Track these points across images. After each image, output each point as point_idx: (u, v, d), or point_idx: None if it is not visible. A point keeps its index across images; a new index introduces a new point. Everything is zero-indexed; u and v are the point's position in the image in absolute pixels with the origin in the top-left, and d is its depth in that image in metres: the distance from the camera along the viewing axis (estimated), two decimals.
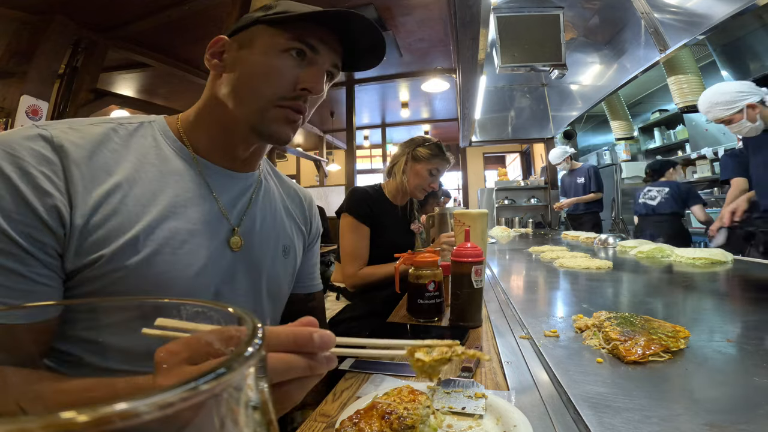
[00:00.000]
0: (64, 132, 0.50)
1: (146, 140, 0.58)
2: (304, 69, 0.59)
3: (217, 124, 0.61)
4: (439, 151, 1.53)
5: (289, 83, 0.59)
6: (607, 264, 1.39)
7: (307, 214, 0.81)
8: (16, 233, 0.44)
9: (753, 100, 1.78)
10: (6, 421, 0.08)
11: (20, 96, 2.90)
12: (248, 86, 0.58)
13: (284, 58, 0.58)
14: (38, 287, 0.45)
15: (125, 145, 0.55)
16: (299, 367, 0.31)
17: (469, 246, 0.85)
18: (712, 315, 0.78)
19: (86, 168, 0.50)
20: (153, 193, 0.54)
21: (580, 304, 0.90)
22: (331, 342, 0.32)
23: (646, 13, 1.85)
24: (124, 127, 0.57)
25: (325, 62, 0.61)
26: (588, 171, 3.83)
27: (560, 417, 0.45)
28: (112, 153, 0.53)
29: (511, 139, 4.94)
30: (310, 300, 0.84)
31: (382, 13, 3.53)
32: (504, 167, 7.76)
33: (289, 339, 0.31)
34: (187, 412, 0.10)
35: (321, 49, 0.60)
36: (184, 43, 3.83)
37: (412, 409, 0.41)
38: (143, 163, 0.55)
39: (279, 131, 0.60)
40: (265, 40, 0.59)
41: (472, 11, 1.75)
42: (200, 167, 0.61)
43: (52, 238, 0.46)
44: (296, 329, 0.32)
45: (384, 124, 7.46)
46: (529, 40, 2.02)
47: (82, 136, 0.51)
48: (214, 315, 0.18)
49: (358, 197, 1.47)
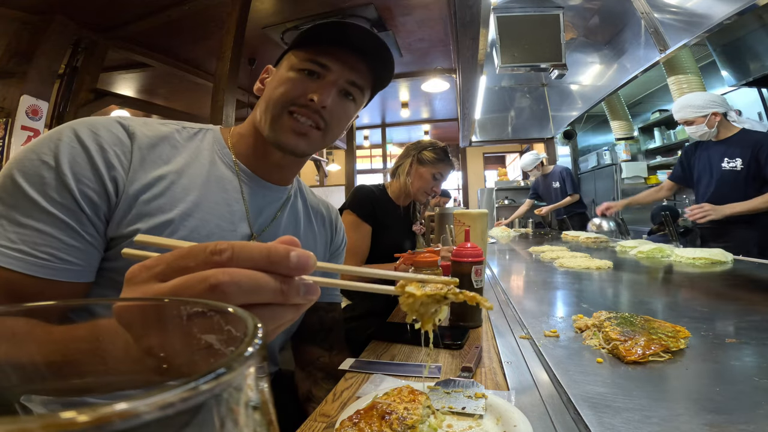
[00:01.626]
0: (138, 124, 0.60)
1: (202, 143, 0.67)
2: (315, 83, 0.65)
3: (254, 137, 0.69)
4: (444, 156, 1.53)
5: (299, 92, 0.65)
6: (607, 264, 1.39)
7: (334, 227, 0.88)
8: (80, 195, 0.51)
9: (719, 111, 2.06)
10: (6, 421, 0.08)
11: (20, 96, 2.90)
12: (267, 98, 0.67)
13: (299, 75, 0.66)
14: (87, 246, 0.53)
15: (184, 144, 0.64)
16: (269, 288, 0.26)
17: (469, 246, 0.85)
18: (712, 315, 0.78)
19: (148, 153, 0.59)
20: (196, 186, 0.62)
21: (580, 304, 0.90)
22: (309, 264, 0.27)
23: (646, 13, 1.85)
24: (186, 130, 0.67)
25: (336, 79, 0.66)
26: (561, 173, 3.75)
27: (560, 417, 0.45)
28: (171, 148, 0.62)
29: (511, 139, 4.95)
30: (332, 310, 0.88)
31: (382, 13, 3.53)
32: (504, 167, 7.76)
33: (262, 254, 0.26)
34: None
35: (333, 67, 0.66)
36: (184, 43, 3.82)
37: (412, 409, 0.41)
38: (194, 161, 0.64)
39: (288, 141, 0.65)
40: (288, 61, 0.67)
41: (472, 11, 1.75)
42: (240, 173, 0.69)
43: (106, 204, 0.54)
44: (271, 244, 0.27)
45: (384, 124, 7.46)
46: (529, 40, 2.02)
47: (150, 129, 0.61)
48: (214, 315, 0.18)
49: (362, 195, 1.47)
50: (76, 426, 0.09)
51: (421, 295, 0.29)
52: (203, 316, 0.18)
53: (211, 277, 0.25)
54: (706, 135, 2.10)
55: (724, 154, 2.08)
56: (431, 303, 0.30)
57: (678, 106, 2.16)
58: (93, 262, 0.54)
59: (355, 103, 0.71)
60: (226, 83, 2.92)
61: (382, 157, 7.74)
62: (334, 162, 8.18)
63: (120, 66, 4.16)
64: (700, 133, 2.10)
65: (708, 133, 2.08)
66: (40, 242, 0.49)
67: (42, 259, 0.49)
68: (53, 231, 0.50)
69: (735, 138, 2.08)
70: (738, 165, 2.04)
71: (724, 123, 2.10)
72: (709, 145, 2.16)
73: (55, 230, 0.50)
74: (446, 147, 1.57)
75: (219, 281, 0.24)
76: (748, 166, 2.01)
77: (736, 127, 2.11)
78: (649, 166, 4.52)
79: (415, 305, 0.30)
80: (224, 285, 0.24)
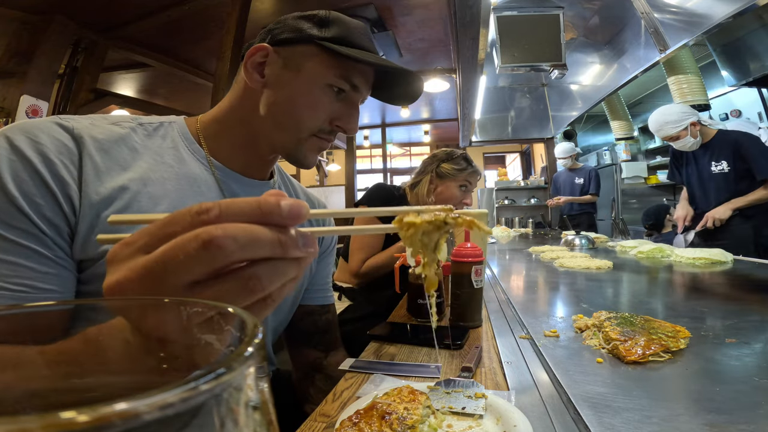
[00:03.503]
0: (86, 126, 0.52)
1: (165, 141, 0.59)
2: (342, 105, 0.61)
3: (245, 135, 0.62)
4: (467, 164, 1.45)
5: (327, 117, 0.61)
6: (607, 264, 1.39)
7: (323, 222, 0.82)
8: (38, 216, 0.45)
9: (695, 119, 2.13)
10: (6, 421, 0.08)
11: (20, 96, 2.90)
12: (290, 114, 0.59)
13: (328, 92, 0.60)
14: (60, 270, 0.47)
15: (143, 145, 0.56)
16: (266, 240, 0.24)
17: (469, 246, 0.85)
18: (712, 315, 0.78)
19: (101, 161, 0.50)
20: (166, 193, 0.54)
21: (580, 304, 0.90)
22: (303, 212, 0.25)
23: (646, 13, 1.85)
24: (144, 127, 0.58)
25: (362, 99, 0.64)
26: (590, 173, 3.84)
27: (560, 417, 0.45)
28: (129, 150, 0.54)
29: (511, 139, 4.95)
30: (325, 312, 0.85)
31: (381, 13, 3.52)
32: (504, 167, 7.76)
33: (252, 207, 0.24)
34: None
35: (363, 88, 0.63)
36: (184, 43, 3.82)
37: (412, 409, 0.41)
38: (159, 163, 0.56)
39: (310, 159, 0.63)
40: (314, 68, 0.58)
41: (472, 11, 1.76)
42: (216, 171, 0.61)
43: (66, 223, 0.47)
44: (260, 197, 0.25)
45: (384, 124, 7.45)
46: (529, 40, 2.02)
47: (101, 132, 0.53)
48: (214, 315, 0.18)
49: (382, 194, 1.43)
50: (76, 426, 0.09)
51: (421, 222, 0.28)
52: (203, 316, 0.18)
53: (202, 233, 0.22)
54: (694, 145, 2.16)
55: (710, 158, 2.15)
56: (433, 231, 0.28)
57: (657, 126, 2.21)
58: (69, 287, 0.49)
59: None
60: (226, 83, 2.92)
61: (382, 157, 7.74)
62: (334, 162, 8.18)
63: (120, 66, 4.16)
64: (689, 145, 2.16)
65: (695, 143, 2.15)
66: (9, 274, 0.43)
67: (17, 291, 0.43)
68: (20, 260, 0.44)
69: (716, 140, 2.13)
70: (725, 167, 2.09)
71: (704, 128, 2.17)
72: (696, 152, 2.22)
73: (22, 259, 0.44)
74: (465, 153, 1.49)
75: (212, 236, 0.22)
76: (734, 167, 2.06)
77: (713, 130, 2.17)
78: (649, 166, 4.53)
79: (417, 235, 0.28)
80: (218, 239, 0.22)
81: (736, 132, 2.15)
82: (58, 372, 0.18)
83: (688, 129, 2.12)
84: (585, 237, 2.14)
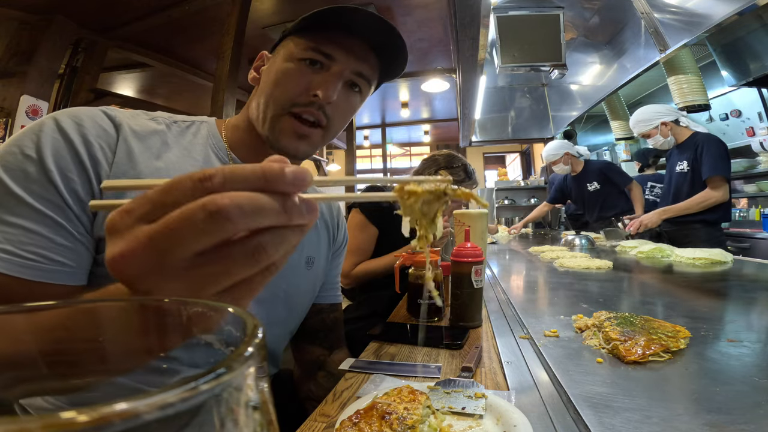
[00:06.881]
0: (127, 117, 0.57)
1: (195, 138, 0.63)
2: (319, 75, 0.60)
3: (249, 131, 0.65)
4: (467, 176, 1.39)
5: (301, 88, 0.59)
6: (607, 264, 1.39)
7: (336, 224, 0.84)
8: (67, 190, 0.48)
9: (668, 119, 2.19)
10: (6, 421, 0.08)
11: (20, 96, 2.90)
12: (265, 94, 0.61)
13: (299, 65, 0.60)
14: (77, 245, 0.49)
15: (175, 139, 0.60)
16: (271, 208, 0.24)
17: (469, 246, 0.85)
18: (712, 315, 0.78)
19: (135, 146, 0.54)
20: None
21: (580, 304, 0.90)
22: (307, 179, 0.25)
23: (646, 13, 1.85)
24: (178, 125, 0.63)
25: (342, 70, 0.60)
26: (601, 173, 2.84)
27: (560, 417, 0.45)
28: (162, 143, 0.58)
29: (511, 139, 4.94)
30: (333, 310, 0.87)
31: (381, 13, 3.52)
32: (504, 167, 7.75)
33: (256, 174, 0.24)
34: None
35: (338, 56, 0.60)
36: (184, 43, 3.82)
37: (412, 409, 0.41)
38: (187, 157, 0.60)
39: (289, 145, 0.61)
40: (286, 49, 0.62)
41: (472, 11, 1.75)
42: None
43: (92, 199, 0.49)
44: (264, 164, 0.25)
45: (384, 124, 7.45)
46: (529, 40, 2.02)
47: (139, 124, 0.57)
48: (214, 315, 0.18)
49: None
50: (76, 426, 0.09)
51: (422, 191, 0.28)
52: (203, 315, 0.18)
53: (209, 204, 0.22)
54: (665, 144, 2.23)
55: (678, 158, 2.23)
56: (433, 200, 0.29)
57: (632, 123, 2.32)
58: (84, 263, 0.50)
59: (361, 95, 0.66)
60: (226, 83, 2.92)
61: (382, 157, 7.74)
62: (334, 162, 8.17)
63: (120, 66, 4.16)
64: (660, 143, 2.23)
65: (666, 142, 2.22)
66: (26, 241, 0.45)
67: (29, 259, 0.45)
68: (40, 229, 0.46)
69: (687, 141, 2.19)
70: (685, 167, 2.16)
71: (678, 129, 2.22)
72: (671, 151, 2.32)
73: (43, 228, 0.46)
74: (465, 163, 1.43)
75: (219, 206, 0.22)
76: (692, 168, 2.12)
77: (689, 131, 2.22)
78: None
79: (417, 204, 0.29)
80: (226, 209, 0.22)
81: (703, 134, 2.19)
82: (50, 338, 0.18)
83: (658, 128, 2.18)
84: (585, 237, 2.15)
